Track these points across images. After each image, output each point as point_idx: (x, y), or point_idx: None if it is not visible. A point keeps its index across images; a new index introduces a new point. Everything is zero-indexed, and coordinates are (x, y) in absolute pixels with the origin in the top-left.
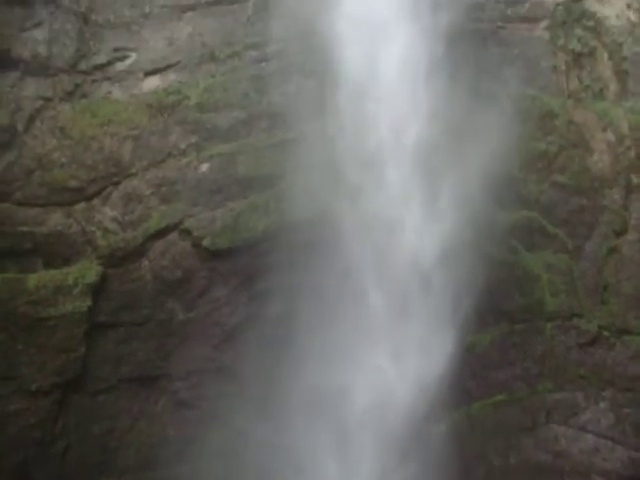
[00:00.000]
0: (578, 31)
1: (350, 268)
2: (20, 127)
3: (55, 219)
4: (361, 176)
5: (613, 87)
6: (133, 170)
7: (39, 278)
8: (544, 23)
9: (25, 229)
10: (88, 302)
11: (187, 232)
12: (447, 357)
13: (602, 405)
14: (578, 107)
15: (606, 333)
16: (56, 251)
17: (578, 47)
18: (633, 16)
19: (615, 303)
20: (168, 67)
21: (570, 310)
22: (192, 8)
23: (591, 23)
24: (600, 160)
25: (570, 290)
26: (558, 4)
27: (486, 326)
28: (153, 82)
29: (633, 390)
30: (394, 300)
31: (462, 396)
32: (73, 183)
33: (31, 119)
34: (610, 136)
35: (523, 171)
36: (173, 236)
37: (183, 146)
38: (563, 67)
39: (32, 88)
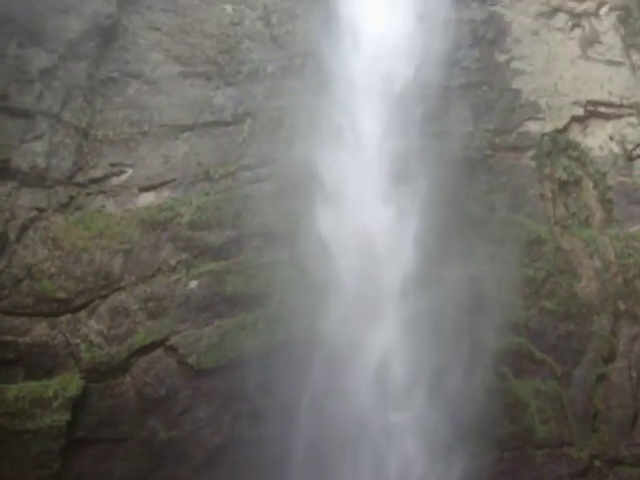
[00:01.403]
0: (564, 161)
1: (338, 389)
2: (12, 236)
3: (40, 329)
4: (351, 297)
5: (599, 215)
6: (122, 284)
7: (19, 389)
8: (531, 152)
9: (9, 338)
10: (67, 416)
11: (172, 349)
12: None
13: None
14: (565, 234)
15: (597, 463)
16: (39, 362)
17: (564, 176)
18: (616, 147)
19: (606, 431)
20: (163, 184)
21: (560, 438)
22: (189, 128)
23: (576, 153)
24: (588, 286)
25: (560, 417)
26: (544, 134)
27: (475, 454)
28: (147, 198)
29: None
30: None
31: None
32: (61, 294)
33: (24, 228)
34: (597, 263)
35: (511, 296)
36: (158, 352)
37: (173, 262)
38: (550, 195)
39: (27, 198)
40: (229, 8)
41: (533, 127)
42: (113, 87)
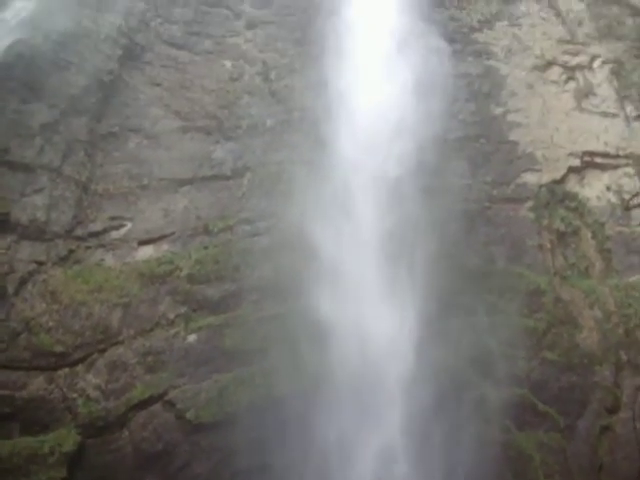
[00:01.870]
0: (561, 211)
1: (339, 444)
2: (11, 289)
3: (37, 384)
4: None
5: (598, 265)
6: (120, 338)
7: (14, 445)
8: (529, 204)
9: (5, 393)
10: (63, 473)
11: (171, 404)
12: None
13: None
14: (565, 284)
15: None
16: (35, 417)
17: (562, 227)
18: (613, 198)
19: None
20: (162, 237)
21: None
22: (189, 182)
23: (574, 204)
24: (589, 337)
25: (564, 471)
26: (541, 186)
27: None
28: (146, 251)
29: None
30: None
31: None
32: (58, 348)
33: (22, 282)
34: (597, 313)
35: (512, 348)
36: (156, 407)
37: (172, 316)
38: (548, 246)
39: (27, 252)
40: (228, 64)
41: (530, 179)
42: (113, 141)
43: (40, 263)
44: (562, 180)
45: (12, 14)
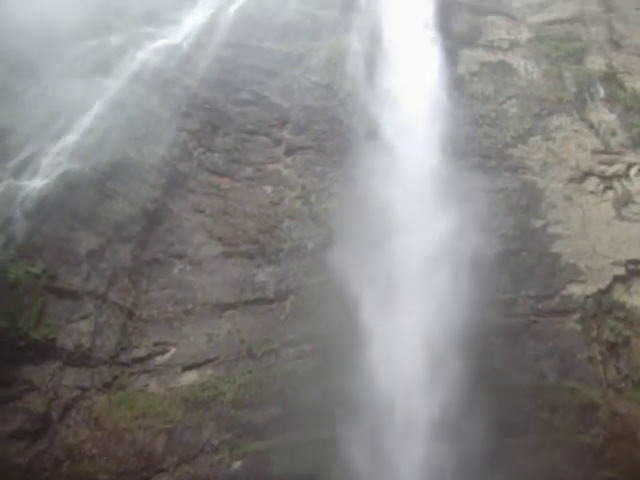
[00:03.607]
0: (610, 322)
1: None
2: (55, 416)
3: None
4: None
5: None
6: (164, 465)
7: None
8: (576, 316)
9: None
10: None
11: None
12: None
13: None
14: (619, 397)
15: None
16: None
17: (612, 337)
18: None
19: None
20: (206, 362)
21: None
22: (233, 306)
23: (622, 314)
24: None
25: None
26: (587, 297)
27: None
28: (190, 376)
29: None
30: None
31: None
32: (102, 476)
33: (67, 408)
34: None
35: (570, 467)
36: None
37: (216, 442)
38: (599, 358)
39: (71, 378)
40: (269, 189)
41: (575, 290)
42: (158, 268)
43: (84, 389)
44: (608, 290)
45: (62, 147)
